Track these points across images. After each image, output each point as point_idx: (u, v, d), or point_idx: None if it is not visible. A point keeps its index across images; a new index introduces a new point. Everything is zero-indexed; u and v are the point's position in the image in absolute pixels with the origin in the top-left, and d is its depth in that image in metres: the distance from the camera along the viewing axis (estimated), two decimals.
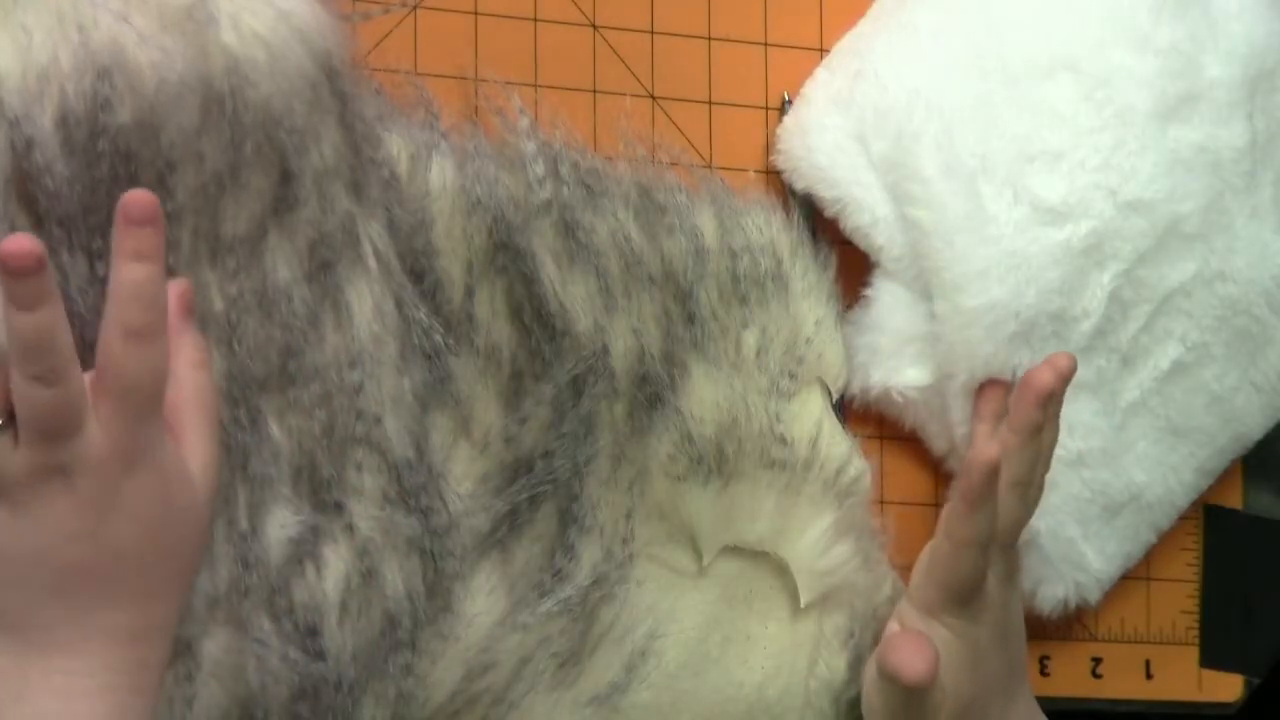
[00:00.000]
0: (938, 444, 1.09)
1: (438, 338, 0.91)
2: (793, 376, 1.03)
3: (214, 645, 0.83)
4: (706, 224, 1.02)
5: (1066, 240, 1.06)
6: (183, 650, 0.82)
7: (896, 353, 1.06)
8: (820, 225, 1.07)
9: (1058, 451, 1.06)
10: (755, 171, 1.07)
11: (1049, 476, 1.05)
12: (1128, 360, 1.09)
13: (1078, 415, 1.07)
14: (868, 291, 1.07)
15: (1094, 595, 1.10)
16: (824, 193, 1.06)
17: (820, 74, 1.08)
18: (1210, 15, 1.10)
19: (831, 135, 1.05)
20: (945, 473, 1.09)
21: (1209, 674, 1.14)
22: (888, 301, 1.06)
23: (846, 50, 1.08)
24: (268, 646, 0.84)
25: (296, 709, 0.85)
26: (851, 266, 1.07)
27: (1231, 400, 1.11)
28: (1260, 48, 1.11)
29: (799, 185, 1.06)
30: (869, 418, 1.08)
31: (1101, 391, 1.08)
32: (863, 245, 1.06)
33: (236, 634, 0.83)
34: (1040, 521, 1.06)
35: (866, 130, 1.05)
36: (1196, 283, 1.09)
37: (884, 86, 1.05)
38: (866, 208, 1.05)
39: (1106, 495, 1.09)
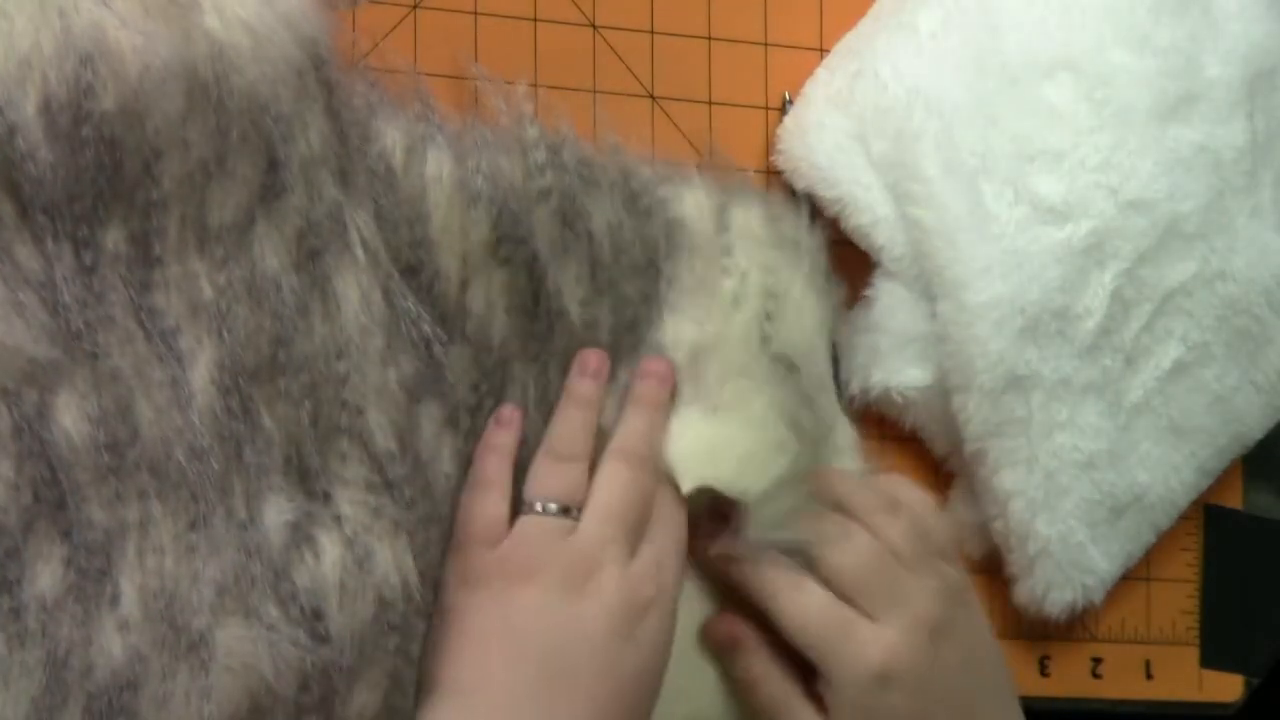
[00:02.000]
0: (938, 444, 1.08)
1: (425, 327, 0.91)
2: (770, 316, 1.02)
3: (226, 635, 0.83)
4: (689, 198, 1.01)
5: (1067, 239, 1.06)
6: (197, 642, 0.82)
7: (897, 353, 1.06)
8: (820, 225, 1.07)
9: (1069, 455, 1.06)
10: (755, 171, 1.07)
11: (1060, 482, 1.05)
12: (1131, 360, 1.08)
13: (1085, 417, 1.06)
14: (868, 291, 1.07)
15: (1099, 596, 1.09)
16: (824, 193, 1.06)
17: (820, 74, 1.08)
18: (1210, 15, 1.10)
19: (831, 135, 1.05)
20: (945, 473, 1.09)
21: (1209, 674, 1.13)
22: (888, 301, 1.06)
23: (846, 50, 1.08)
24: (278, 632, 0.84)
25: (302, 700, 0.85)
26: (851, 266, 1.07)
27: (1232, 400, 1.11)
28: (1260, 48, 1.11)
29: (799, 185, 1.06)
30: (869, 418, 1.07)
31: (1107, 392, 1.07)
32: (863, 245, 1.06)
33: (247, 622, 0.83)
34: (1051, 528, 1.06)
35: (866, 130, 1.05)
36: (1197, 282, 1.09)
37: (884, 86, 1.05)
38: (867, 207, 1.05)
39: (1113, 497, 1.08)
